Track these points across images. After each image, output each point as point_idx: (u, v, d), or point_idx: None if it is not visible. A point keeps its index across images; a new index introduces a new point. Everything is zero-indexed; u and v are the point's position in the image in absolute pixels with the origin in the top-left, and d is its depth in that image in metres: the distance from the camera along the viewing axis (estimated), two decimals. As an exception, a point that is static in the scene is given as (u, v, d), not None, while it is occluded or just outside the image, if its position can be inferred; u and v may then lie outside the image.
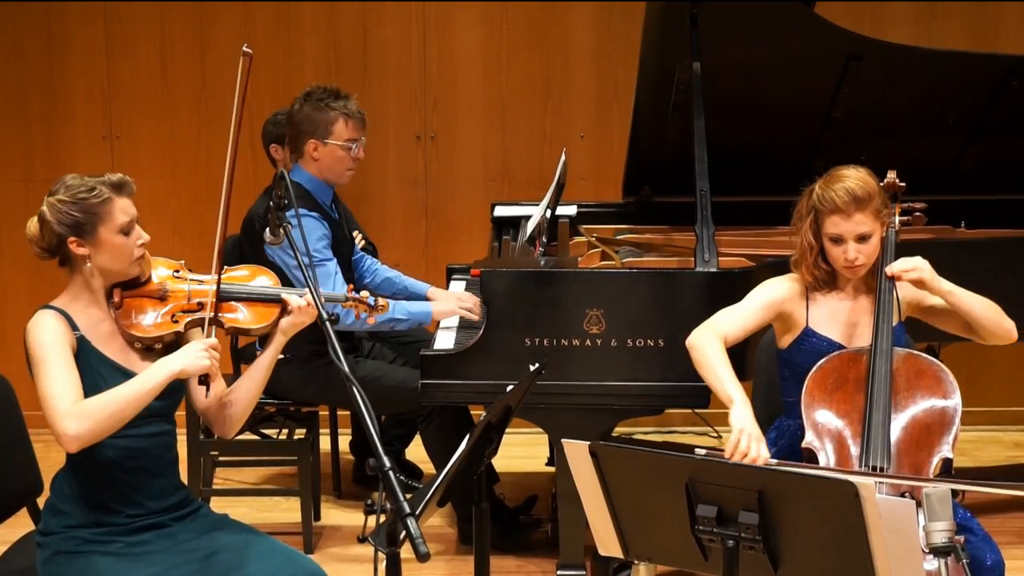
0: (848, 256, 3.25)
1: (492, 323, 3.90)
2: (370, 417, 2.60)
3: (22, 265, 5.81)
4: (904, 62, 4.48)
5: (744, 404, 3.14)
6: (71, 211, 2.88)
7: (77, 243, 2.90)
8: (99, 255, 2.92)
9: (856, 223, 3.23)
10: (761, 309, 3.37)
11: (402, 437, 4.98)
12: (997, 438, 5.77)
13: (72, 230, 2.89)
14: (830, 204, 3.24)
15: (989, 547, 3.09)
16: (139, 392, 2.80)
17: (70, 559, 2.89)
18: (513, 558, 4.39)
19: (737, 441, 3.06)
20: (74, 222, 2.89)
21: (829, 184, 3.27)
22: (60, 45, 5.70)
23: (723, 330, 3.31)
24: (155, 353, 3.00)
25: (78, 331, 2.89)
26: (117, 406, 2.78)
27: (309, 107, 4.34)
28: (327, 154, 4.34)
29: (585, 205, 5.15)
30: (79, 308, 2.94)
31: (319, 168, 4.36)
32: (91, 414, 2.75)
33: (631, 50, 4.75)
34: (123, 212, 2.92)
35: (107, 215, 2.90)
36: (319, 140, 4.33)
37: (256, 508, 4.89)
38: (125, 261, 2.94)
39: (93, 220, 2.89)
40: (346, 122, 4.34)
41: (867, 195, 3.23)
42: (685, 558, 2.61)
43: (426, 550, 2.38)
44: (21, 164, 5.77)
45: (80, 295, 2.96)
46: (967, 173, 4.86)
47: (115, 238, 2.91)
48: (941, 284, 3.28)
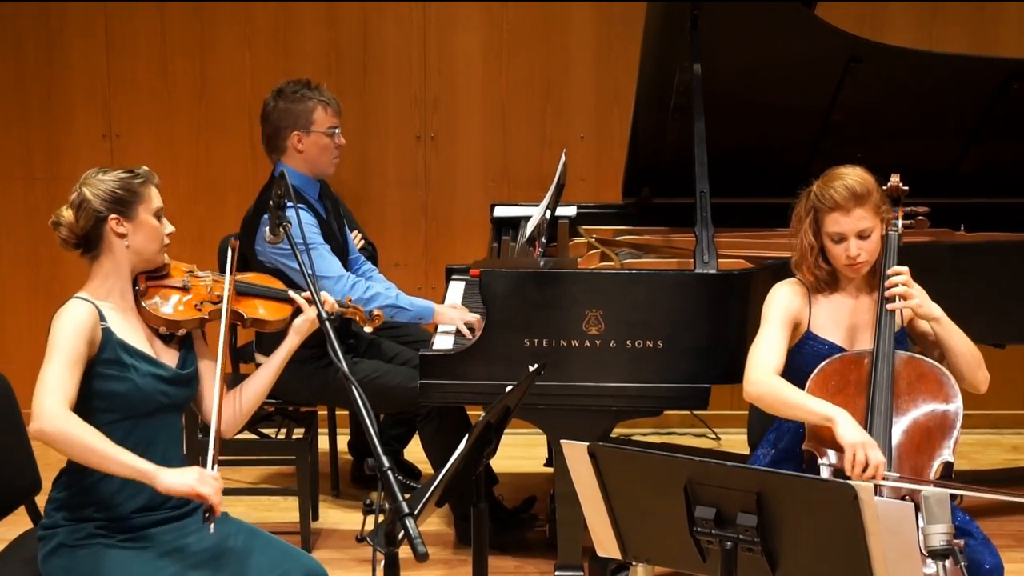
0: (850, 253, 3.25)
1: (491, 324, 3.90)
2: (369, 417, 2.60)
3: (21, 264, 5.82)
4: (904, 65, 4.48)
5: (849, 417, 3.09)
6: (115, 189, 2.97)
7: (118, 221, 2.97)
8: (136, 235, 2.99)
9: (856, 219, 3.24)
10: (787, 326, 3.36)
11: (401, 437, 4.98)
12: (996, 441, 5.78)
13: (114, 207, 2.96)
14: (830, 201, 3.25)
15: (988, 550, 3.09)
16: (115, 459, 2.78)
17: (74, 551, 2.91)
18: (511, 558, 4.39)
19: (853, 455, 3.02)
20: (117, 198, 2.97)
21: (827, 183, 3.29)
22: (60, 43, 5.69)
23: (772, 365, 3.28)
24: (175, 342, 3.07)
25: (105, 323, 2.93)
26: (90, 444, 2.77)
27: (284, 101, 4.36)
28: (311, 144, 4.35)
29: (585, 206, 5.15)
30: (105, 296, 2.99)
31: (305, 160, 4.36)
32: (68, 425, 2.76)
33: (631, 51, 4.75)
34: (157, 197, 3.06)
35: (146, 196, 3.01)
36: (301, 131, 4.33)
37: (254, 507, 4.89)
38: (157, 244, 3.04)
39: (134, 199, 2.99)
40: (325, 109, 4.36)
41: (866, 191, 3.25)
42: (683, 559, 2.61)
43: (424, 550, 2.39)
44: (20, 162, 5.77)
45: (105, 282, 3.00)
46: (967, 176, 4.86)
47: (152, 220, 3.01)
48: (931, 309, 3.29)
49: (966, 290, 4.02)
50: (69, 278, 5.39)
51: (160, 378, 2.98)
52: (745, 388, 3.29)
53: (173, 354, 3.07)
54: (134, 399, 2.94)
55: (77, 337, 2.87)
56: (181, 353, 3.08)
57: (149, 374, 2.96)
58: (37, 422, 2.76)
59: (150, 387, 2.95)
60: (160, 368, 2.99)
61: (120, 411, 2.93)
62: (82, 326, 2.88)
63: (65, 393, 2.80)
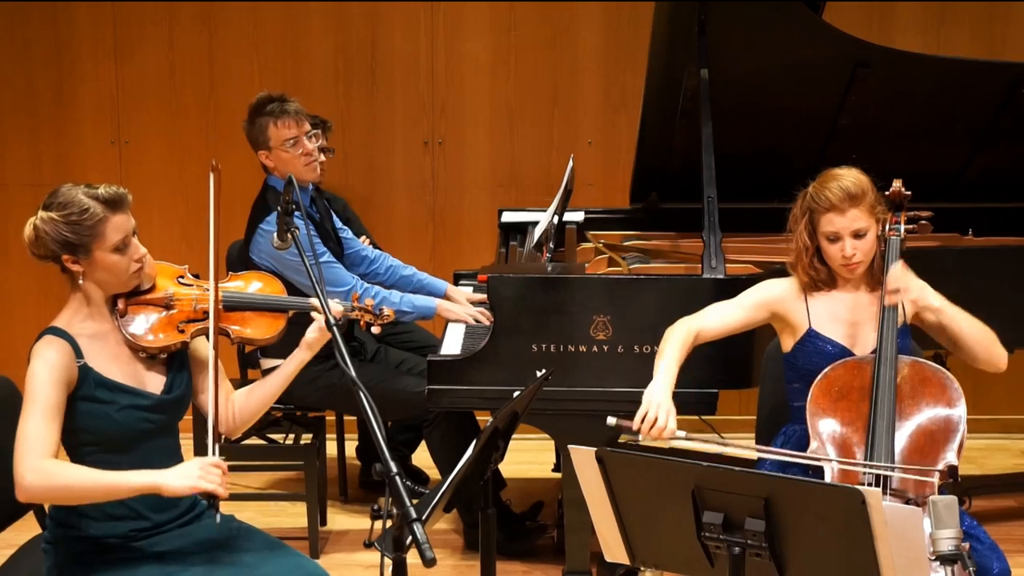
0: (845, 253, 3.27)
1: (499, 329, 3.90)
2: (376, 422, 2.60)
3: (30, 268, 5.77)
4: (911, 69, 4.48)
5: (662, 381, 3.20)
6: (64, 231, 2.80)
7: (71, 260, 2.84)
8: (94, 272, 2.85)
9: (851, 219, 3.26)
10: (749, 307, 3.43)
11: (408, 442, 4.98)
12: (1004, 446, 5.77)
13: (65, 248, 2.82)
14: (825, 202, 3.28)
15: (995, 555, 3.09)
16: (109, 488, 2.75)
17: (76, 565, 2.89)
18: (519, 563, 4.39)
19: (645, 412, 3.12)
20: (66, 241, 2.81)
21: (823, 184, 3.32)
22: (69, 49, 5.71)
23: (699, 324, 3.38)
24: (160, 363, 2.98)
25: (81, 359, 2.83)
26: (82, 488, 2.73)
27: (247, 124, 4.47)
28: (277, 159, 4.43)
29: (592, 211, 5.15)
30: (81, 322, 2.89)
31: (281, 174, 4.41)
32: (53, 481, 2.71)
33: (639, 56, 4.75)
34: (116, 230, 2.83)
35: (100, 235, 2.82)
36: (264, 150, 4.43)
37: (262, 513, 4.89)
38: (121, 276, 2.88)
39: (86, 241, 2.81)
40: (275, 123, 4.39)
41: (860, 191, 3.27)
42: (691, 565, 2.61)
43: (432, 555, 2.38)
44: (29, 168, 5.79)
45: (81, 308, 2.91)
46: (974, 181, 4.86)
47: (109, 257, 2.84)
48: (930, 300, 3.31)
49: (974, 295, 4.00)
50: (78, 283, 5.39)
51: (141, 407, 2.89)
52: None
53: (158, 378, 2.97)
54: (112, 433, 2.85)
55: (52, 386, 2.76)
56: (168, 376, 2.99)
57: (129, 406, 2.86)
58: (18, 486, 2.69)
59: (129, 419, 2.86)
60: (141, 397, 2.89)
61: (102, 444, 2.86)
62: (56, 372, 2.77)
63: (43, 448, 2.71)
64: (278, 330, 3.08)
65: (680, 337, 3.33)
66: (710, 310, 3.44)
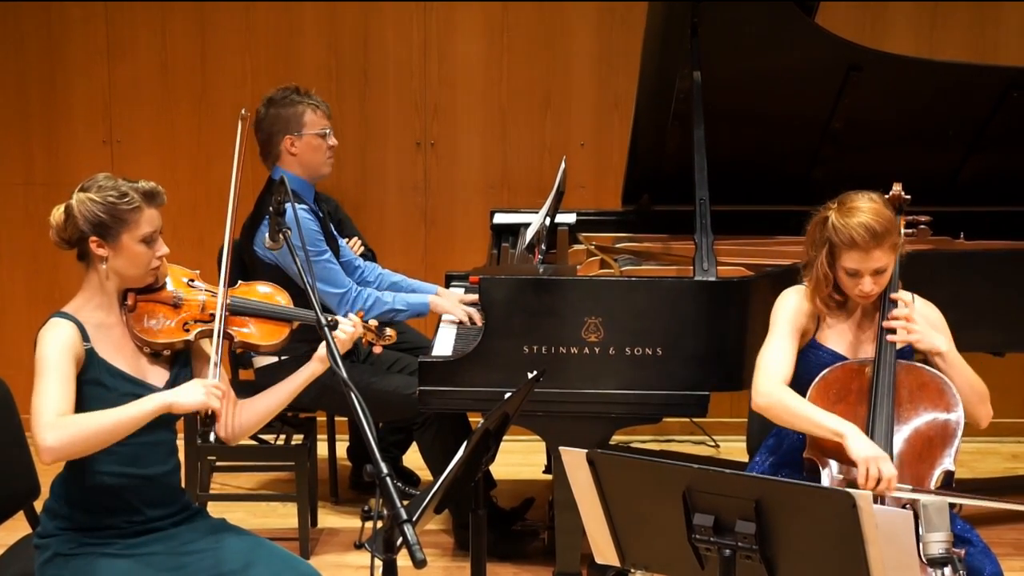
0: (864, 289, 3.22)
1: (490, 330, 3.90)
2: (367, 423, 2.60)
3: (21, 268, 5.82)
4: (904, 73, 4.48)
5: (859, 432, 3.06)
6: (99, 212, 2.88)
7: (97, 243, 2.90)
8: (117, 259, 2.92)
9: (874, 260, 3.19)
10: (795, 333, 3.32)
11: (400, 443, 4.98)
12: (995, 450, 5.77)
13: (96, 229, 2.89)
14: (847, 240, 3.18)
15: (988, 558, 3.09)
16: (125, 419, 2.78)
17: (69, 560, 2.89)
18: (510, 565, 4.39)
19: (866, 471, 2.98)
20: (99, 222, 2.89)
21: (846, 217, 3.19)
22: (61, 48, 5.70)
23: (781, 374, 3.25)
24: (164, 360, 3.02)
25: (88, 343, 2.88)
26: (100, 427, 2.75)
27: (275, 107, 4.43)
28: (304, 146, 4.41)
29: (584, 213, 5.15)
30: (91, 311, 2.94)
31: (299, 163, 4.42)
32: (71, 429, 2.73)
33: (631, 58, 4.75)
34: (149, 223, 2.93)
35: (133, 223, 2.90)
36: (293, 135, 4.40)
37: (253, 513, 4.89)
38: (141, 269, 2.95)
39: (119, 225, 2.89)
40: (315, 111, 4.44)
41: (885, 230, 3.17)
42: (682, 567, 2.61)
43: (423, 556, 2.38)
44: (21, 167, 5.77)
45: (93, 296, 2.96)
46: (966, 184, 4.86)
47: (136, 246, 2.92)
48: (934, 343, 3.26)
49: (965, 298, 4.02)
50: (69, 283, 5.39)
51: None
52: (753, 398, 3.27)
53: (162, 372, 3.01)
54: None
55: (63, 355, 2.81)
56: (172, 371, 3.03)
57: (131, 395, 2.88)
58: (41, 448, 2.70)
59: None
60: (144, 389, 2.92)
61: None
62: (66, 346, 2.83)
63: (56, 407, 2.75)
64: (281, 338, 3.12)
65: (791, 393, 3.20)
66: (770, 359, 3.28)
